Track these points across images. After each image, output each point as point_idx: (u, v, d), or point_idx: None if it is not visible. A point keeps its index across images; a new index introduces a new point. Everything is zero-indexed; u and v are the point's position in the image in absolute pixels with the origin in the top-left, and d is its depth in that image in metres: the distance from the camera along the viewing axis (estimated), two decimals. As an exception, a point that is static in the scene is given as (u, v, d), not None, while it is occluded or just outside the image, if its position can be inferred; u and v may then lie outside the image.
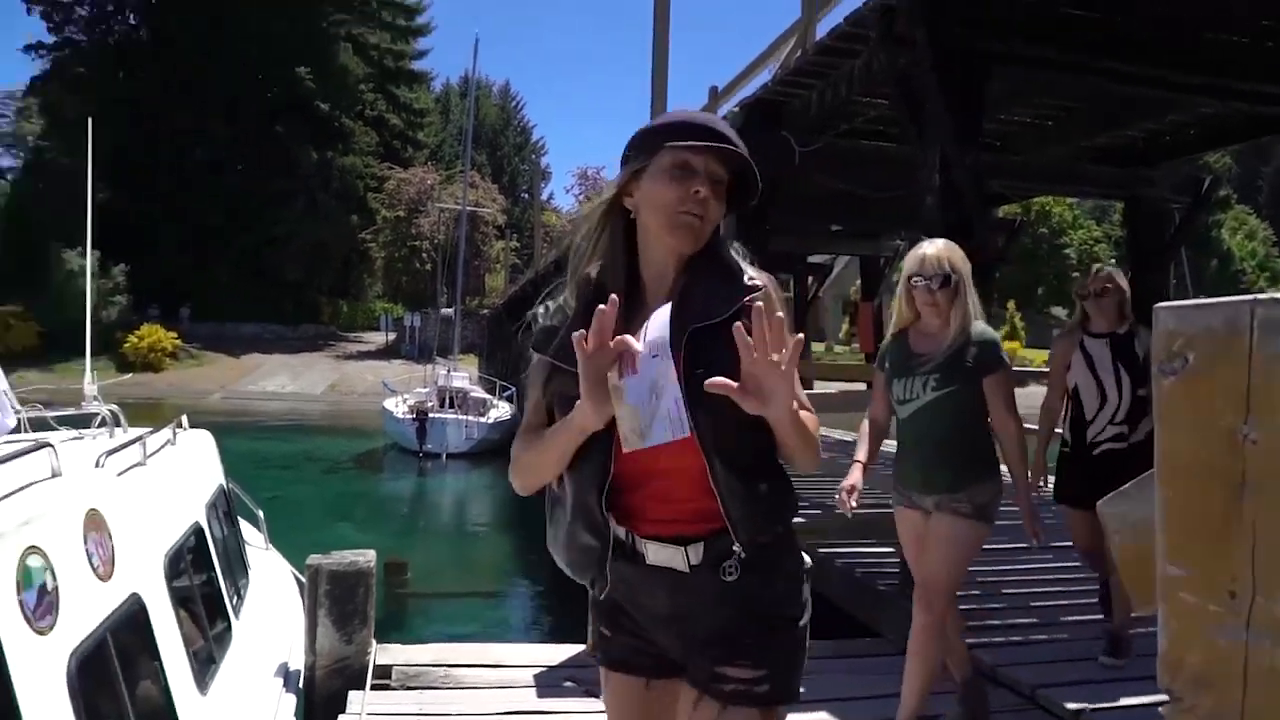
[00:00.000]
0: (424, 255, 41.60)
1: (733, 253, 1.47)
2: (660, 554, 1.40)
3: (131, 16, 42.60)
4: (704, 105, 9.99)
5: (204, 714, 2.84)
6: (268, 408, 29.45)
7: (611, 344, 1.28)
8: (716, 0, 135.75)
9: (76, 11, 41.66)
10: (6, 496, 2.24)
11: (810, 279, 13.61)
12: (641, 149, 1.44)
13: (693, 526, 1.39)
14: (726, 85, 9.29)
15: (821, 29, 6.30)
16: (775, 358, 1.25)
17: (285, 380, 36.17)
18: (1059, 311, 38.49)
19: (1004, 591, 4.69)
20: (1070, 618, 4.27)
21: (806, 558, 1.50)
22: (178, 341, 37.41)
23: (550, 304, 1.50)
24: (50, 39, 41.61)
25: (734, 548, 1.37)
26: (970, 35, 3.98)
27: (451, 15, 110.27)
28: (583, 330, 1.28)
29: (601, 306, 1.28)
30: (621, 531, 1.43)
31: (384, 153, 45.42)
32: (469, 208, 31.64)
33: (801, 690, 1.44)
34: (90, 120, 11.28)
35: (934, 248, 2.85)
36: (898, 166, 6.94)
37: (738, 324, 1.26)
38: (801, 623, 1.44)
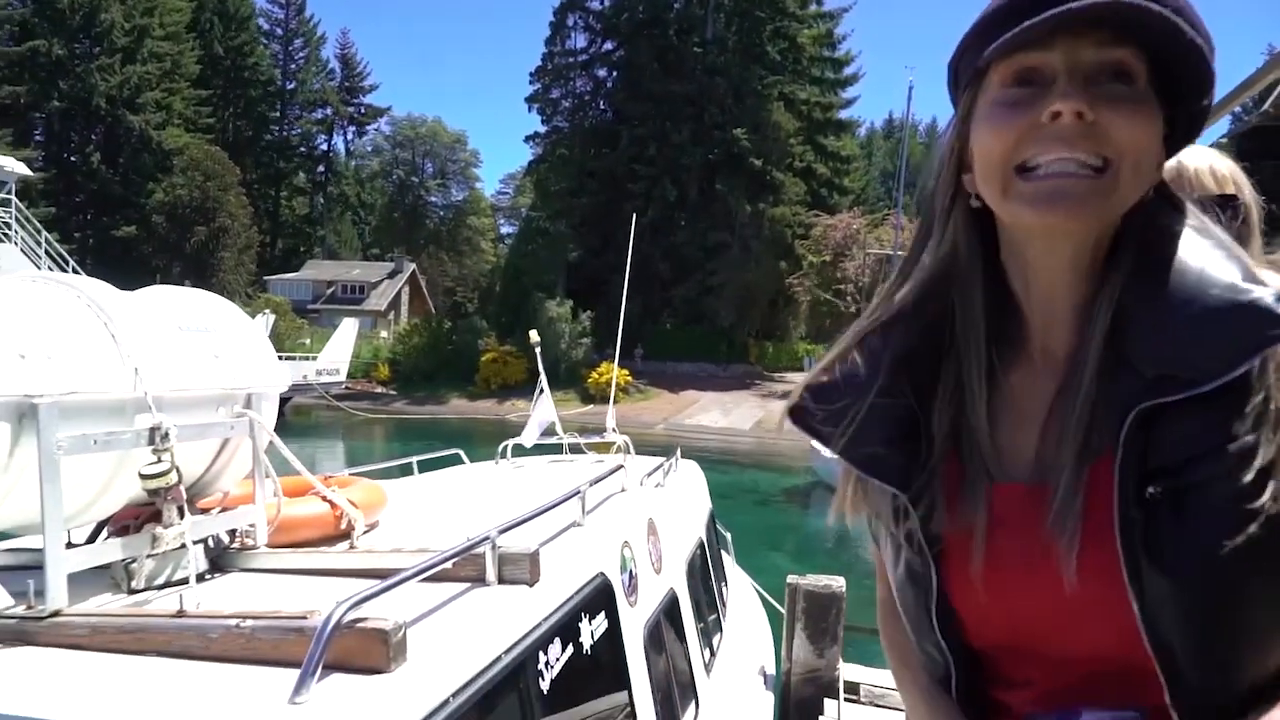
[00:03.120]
0: (849, 299, 42.35)
1: (1216, 232, 0.76)
2: None
3: (602, 103, 50.12)
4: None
5: (710, 692, 3.50)
6: (702, 441, 32.22)
7: None
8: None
9: (562, 104, 50.19)
10: (600, 503, 3.09)
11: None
12: (959, 79, 0.82)
13: None
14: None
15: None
16: None
17: (717, 416, 39.17)
18: None
19: None
20: None
21: None
22: (629, 378, 42.73)
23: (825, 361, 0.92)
24: (543, 129, 50.71)
25: None
26: None
27: (878, 58, 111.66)
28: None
29: None
30: None
31: (811, 201, 47.32)
32: (898, 252, 31.67)
33: None
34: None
35: (1196, 159, 1.62)
36: None
37: None
38: None
